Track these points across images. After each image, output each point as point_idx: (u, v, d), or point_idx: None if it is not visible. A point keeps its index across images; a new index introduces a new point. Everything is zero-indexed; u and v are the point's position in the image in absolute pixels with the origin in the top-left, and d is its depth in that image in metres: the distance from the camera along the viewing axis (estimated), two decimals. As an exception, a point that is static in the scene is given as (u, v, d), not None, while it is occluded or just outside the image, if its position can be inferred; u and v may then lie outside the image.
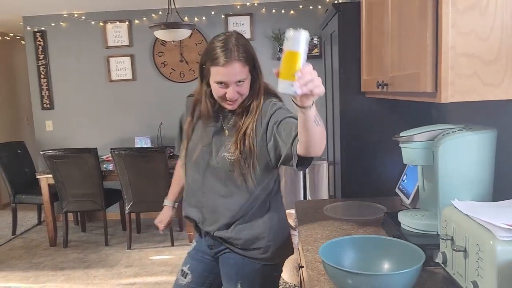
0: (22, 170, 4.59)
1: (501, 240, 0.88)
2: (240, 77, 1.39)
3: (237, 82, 1.40)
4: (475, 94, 1.04)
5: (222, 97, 1.43)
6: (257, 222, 1.52)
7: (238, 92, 1.42)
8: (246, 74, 1.42)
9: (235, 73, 1.38)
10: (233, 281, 1.54)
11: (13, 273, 3.57)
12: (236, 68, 1.38)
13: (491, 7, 1.01)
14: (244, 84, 1.42)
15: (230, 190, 1.49)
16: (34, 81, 4.87)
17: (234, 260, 1.54)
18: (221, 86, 1.40)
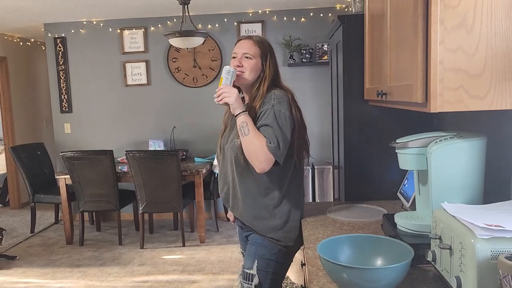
0: (41, 170, 4.77)
1: (480, 238, 0.97)
2: (247, 51, 1.68)
3: (244, 55, 1.67)
4: (462, 105, 1.13)
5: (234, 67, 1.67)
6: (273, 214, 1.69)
7: (243, 64, 1.67)
8: (255, 53, 1.68)
9: (244, 47, 1.69)
10: (251, 258, 1.72)
11: (31, 269, 3.73)
12: (246, 43, 1.70)
13: (476, 26, 1.10)
14: (250, 61, 1.67)
15: (242, 177, 1.69)
16: (54, 86, 5.06)
17: (256, 240, 1.73)
18: (234, 59, 1.70)
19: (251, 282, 1.70)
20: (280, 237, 1.71)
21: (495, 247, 0.95)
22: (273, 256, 1.71)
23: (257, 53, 1.69)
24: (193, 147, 4.96)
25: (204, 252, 3.96)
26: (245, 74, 1.68)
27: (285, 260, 1.76)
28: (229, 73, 1.64)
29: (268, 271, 1.71)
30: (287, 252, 1.74)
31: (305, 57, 4.66)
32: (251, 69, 1.68)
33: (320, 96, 4.77)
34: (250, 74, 1.69)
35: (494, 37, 1.11)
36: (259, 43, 1.71)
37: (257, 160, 1.56)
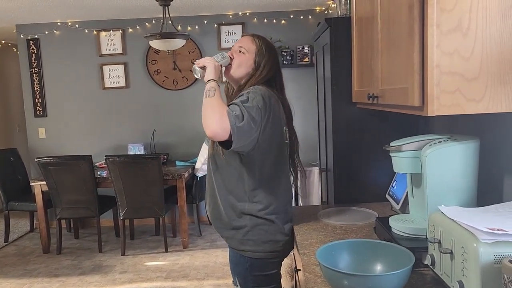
0: (15, 177, 4.59)
1: (483, 242, 0.97)
2: (242, 44, 1.64)
3: (239, 48, 1.64)
4: (459, 108, 1.13)
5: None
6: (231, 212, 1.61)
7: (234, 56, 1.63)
8: (249, 49, 1.63)
9: (242, 41, 1.66)
10: (233, 274, 1.70)
11: (7, 280, 3.58)
12: (245, 38, 1.67)
13: (472, 30, 1.10)
14: (242, 55, 1.62)
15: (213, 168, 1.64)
16: (27, 89, 4.89)
17: (231, 257, 1.68)
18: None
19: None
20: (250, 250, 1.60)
21: (498, 251, 0.95)
22: (247, 272, 1.62)
23: (252, 50, 1.62)
24: (174, 150, 4.88)
25: (187, 257, 3.90)
26: (232, 67, 1.64)
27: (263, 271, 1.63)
28: (222, 56, 1.63)
29: (247, 285, 1.63)
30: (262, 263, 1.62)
31: (286, 59, 4.66)
32: (239, 63, 1.63)
33: (303, 98, 4.78)
34: (237, 69, 1.63)
35: (489, 41, 1.11)
36: (258, 41, 1.65)
37: (211, 118, 1.38)
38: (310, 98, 4.70)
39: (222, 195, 1.62)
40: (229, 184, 1.60)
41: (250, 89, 1.53)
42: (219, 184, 1.61)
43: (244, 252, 1.62)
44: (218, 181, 1.62)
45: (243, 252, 1.62)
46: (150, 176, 3.85)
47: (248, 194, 1.59)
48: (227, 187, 1.60)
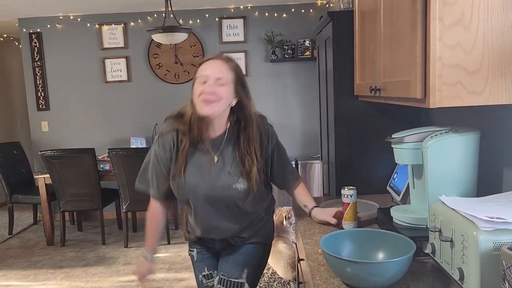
0: (18, 170, 4.62)
1: (483, 230, 1.00)
2: (221, 74, 1.41)
3: (217, 79, 1.40)
4: (460, 100, 1.15)
5: (198, 96, 1.41)
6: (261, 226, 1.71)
7: (217, 92, 1.40)
8: (229, 79, 1.44)
9: (217, 69, 1.42)
10: (239, 267, 1.65)
11: (12, 272, 3.62)
12: (220, 64, 1.43)
13: (474, 23, 1.12)
14: (225, 87, 1.42)
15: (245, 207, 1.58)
16: (30, 82, 4.91)
17: (246, 249, 1.67)
18: (201, 83, 1.41)
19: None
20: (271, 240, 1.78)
21: (497, 239, 0.98)
22: (263, 261, 1.75)
23: (231, 79, 1.46)
24: (176, 144, 4.90)
25: (190, 249, 3.94)
26: (219, 105, 1.43)
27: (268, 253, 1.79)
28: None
29: (257, 275, 1.73)
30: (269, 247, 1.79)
31: (287, 53, 4.67)
32: (226, 96, 1.44)
33: (303, 92, 4.80)
34: (225, 105, 1.46)
35: (490, 34, 1.13)
36: (234, 67, 1.47)
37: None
38: (311, 92, 4.71)
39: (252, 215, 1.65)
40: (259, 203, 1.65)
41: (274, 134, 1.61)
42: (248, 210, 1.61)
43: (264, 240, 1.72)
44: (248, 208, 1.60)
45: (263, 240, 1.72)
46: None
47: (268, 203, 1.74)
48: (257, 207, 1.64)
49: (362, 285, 1.13)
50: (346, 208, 1.58)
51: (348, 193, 1.57)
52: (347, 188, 1.58)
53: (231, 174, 1.50)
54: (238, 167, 1.51)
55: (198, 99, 1.43)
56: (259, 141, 1.54)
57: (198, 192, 1.52)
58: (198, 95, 1.42)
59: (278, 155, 1.62)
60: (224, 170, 1.51)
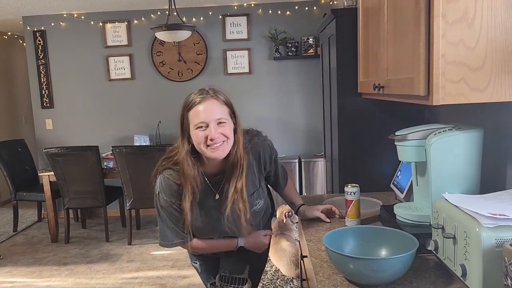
0: (22, 167, 4.65)
1: (485, 227, 1.00)
2: (220, 115, 1.36)
3: (218, 122, 1.36)
4: (463, 98, 1.16)
5: (204, 143, 1.36)
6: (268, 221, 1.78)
7: (222, 134, 1.36)
8: (227, 115, 1.39)
9: (213, 110, 1.36)
10: (241, 263, 1.68)
11: (17, 268, 3.65)
12: (214, 104, 1.36)
13: (477, 20, 1.13)
14: (226, 126, 1.38)
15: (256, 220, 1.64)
16: (34, 80, 4.93)
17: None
18: (202, 129, 1.35)
19: (242, 286, 1.68)
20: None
21: (499, 235, 0.99)
22: (264, 257, 1.77)
23: (227, 113, 1.41)
24: (179, 141, 4.91)
25: (193, 247, 3.95)
26: (229, 143, 1.40)
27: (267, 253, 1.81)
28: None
29: (259, 271, 1.76)
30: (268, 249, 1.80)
31: (291, 50, 4.66)
32: (231, 135, 1.40)
33: (307, 89, 4.80)
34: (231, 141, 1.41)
35: (494, 31, 1.13)
36: (225, 100, 1.41)
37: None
38: (315, 90, 4.72)
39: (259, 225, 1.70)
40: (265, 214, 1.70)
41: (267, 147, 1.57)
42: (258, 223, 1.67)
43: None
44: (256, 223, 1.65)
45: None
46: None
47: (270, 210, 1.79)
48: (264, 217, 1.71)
49: (365, 282, 1.13)
50: (350, 205, 1.58)
51: (351, 191, 1.58)
52: (351, 185, 1.59)
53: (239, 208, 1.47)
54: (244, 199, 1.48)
55: (203, 146, 1.37)
56: (257, 165, 1.53)
57: (204, 232, 1.53)
58: (203, 143, 1.36)
59: (275, 166, 1.67)
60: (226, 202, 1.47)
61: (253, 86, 4.79)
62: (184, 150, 1.40)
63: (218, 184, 1.49)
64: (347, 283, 1.17)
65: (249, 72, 4.81)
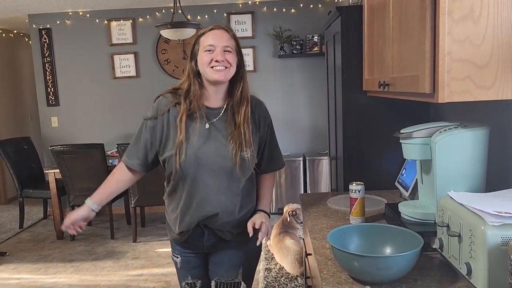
0: (28, 165, 4.68)
1: (491, 225, 0.99)
2: (227, 43, 1.47)
3: (224, 48, 1.46)
4: (469, 95, 1.15)
5: (208, 64, 1.45)
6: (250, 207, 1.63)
7: (226, 60, 1.45)
8: (233, 47, 1.49)
9: (222, 38, 1.47)
10: (235, 268, 1.63)
11: (23, 265, 3.68)
12: (224, 33, 1.48)
13: (483, 17, 1.12)
14: (231, 55, 1.47)
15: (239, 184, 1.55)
16: (40, 78, 4.96)
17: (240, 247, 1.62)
18: (209, 52, 1.45)
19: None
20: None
21: (505, 234, 0.98)
22: (257, 256, 1.72)
23: (234, 46, 1.51)
24: (184, 139, 4.92)
25: (197, 244, 3.96)
26: (231, 71, 1.49)
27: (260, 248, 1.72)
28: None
29: (252, 271, 1.71)
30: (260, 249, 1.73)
31: (296, 48, 4.66)
32: (234, 63, 1.49)
33: (312, 88, 4.79)
34: (234, 71, 1.50)
35: (500, 28, 1.12)
36: (234, 36, 1.52)
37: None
38: (320, 87, 4.71)
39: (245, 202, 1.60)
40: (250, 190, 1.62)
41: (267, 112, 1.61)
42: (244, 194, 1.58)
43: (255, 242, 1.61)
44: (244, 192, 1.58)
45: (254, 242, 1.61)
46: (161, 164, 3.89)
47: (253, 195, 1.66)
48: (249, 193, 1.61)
49: (370, 279, 1.13)
50: (354, 203, 1.58)
51: (356, 189, 1.58)
52: (355, 183, 1.59)
53: (222, 141, 1.50)
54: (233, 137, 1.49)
55: (208, 67, 1.46)
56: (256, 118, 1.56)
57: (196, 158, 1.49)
58: (207, 64, 1.46)
59: (271, 136, 1.63)
60: (217, 136, 1.51)
61: (258, 84, 4.78)
62: (191, 70, 1.51)
63: (211, 117, 1.52)
64: (351, 281, 1.17)
65: (254, 70, 4.80)
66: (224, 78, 1.47)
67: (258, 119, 1.57)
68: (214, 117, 1.52)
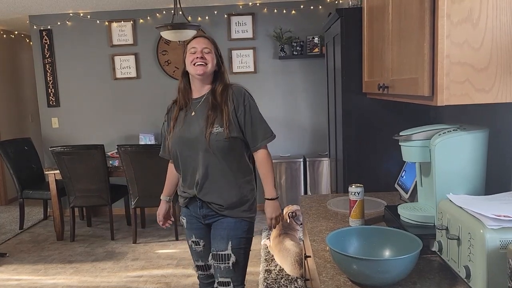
0: (29, 166, 4.68)
1: (489, 228, 0.99)
2: (206, 45, 1.85)
3: (204, 50, 1.84)
4: (468, 98, 1.15)
5: (192, 62, 1.82)
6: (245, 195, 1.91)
7: (205, 57, 1.83)
8: (211, 49, 1.87)
9: (202, 42, 1.86)
10: (224, 240, 1.89)
11: (23, 266, 3.68)
12: (203, 39, 1.89)
13: (482, 20, 1.12)
14: (210, 54, 1.85)
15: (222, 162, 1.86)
16: (40, 79, 4.96)
17: (228, 223, 1.90)
18: (192, 53, 1.83)
19: (228, 261, 1.89)
20: (251, 215, 1.95)
21: (504, 237, 0.98)
22: (244, 234, 1.92)
23: (213, 49, 1.88)
24: (184, 140, 4.93)
25: (197, 245, 3.96)
26: (209, 66, 1.84)
27: (252, 234, 1.98)
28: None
29: (241, 247, 1.92)
30: (253, 226, 1.98)
31: (296, 49, 4.66)
32: (212, 62, 1.86)
33: (312, 89, 4.79)
34: (212, 67, 1.86)
35: (499, 31, 1.13)
36: (212, 41, 1.91)
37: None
38: (320, 89, 4.71)
39: (228, 177, 1.88)
40: (233, 166, 1.89)
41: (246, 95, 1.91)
42: (224, 168, 1.87)
43: (248, 218, 1.93)
44: (223, 165, 1.87)
45: (248, 218, 1.93)
46: (161, 165, 3.86)
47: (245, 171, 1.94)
48: (232, 169, 1.89)
49: (369, 282, 1.13)
50: (353, 205, 1.58)
51: (355, 191, 1.58)
52: (355, 185, 1.59)
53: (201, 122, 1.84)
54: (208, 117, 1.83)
55: (191, 65, 1.83)
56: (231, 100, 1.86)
57: (180, 138, 1.87)
58: (191, 62, 1.83)
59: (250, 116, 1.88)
60: (198, 119, 1.86)
61: (258, 85, 4.78)
62: (182, 72, 1.92)
63: (196, 105, 1.90)
64: (350, 283, 1.17)
65: (254, 71, 4.81)
66: (203, 72, 1.83)
67: (237, 102, 1.87)
68: (197, 105, 1.89)
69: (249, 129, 1.88)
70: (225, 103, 1.84)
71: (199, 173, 1.87)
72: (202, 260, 2.04)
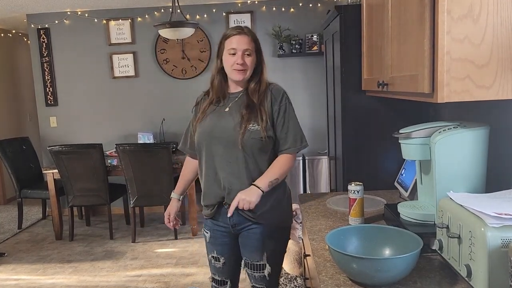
0: (27, 165, 4.66)
1: (491, 227, 0.98)
2: (247, 47, 1.69)
3: (244, 52, 1.69)
4: (469, 95, 1.14)
5: (231, 65, 1.70)
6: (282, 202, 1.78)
7: (245, 62, 1.69)
8: (253, 49, 1.71)
9: (243, 42, 1.69)
10: (259, 252, 1.75)
11: (21, 265, 3.67)
12: (245, 39, 1.70)
13: (483, 16, 1.11)
14: (250, 58, 1.71)
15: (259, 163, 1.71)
16: (38, 78, 4.94)
17: (260, 233, 1.73)
18: (231, 54, 1.69)
19: (263, 271, 1.78)
20: (286, 222, 1.82)
21: (505, 235, 0.97)
22: (279, 243, 1.81)
23: (254, 48, 1.73)
24: (183, 139, 4.92)
25: (197, 244, 3.95)
26: (248, 72, 1.72)
27: (287, 237, 1.85)
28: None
29: (277, 256, 1.82)
30: (288, 232, 1.84)
31: (295, 47, 4.64)
32: (252, 65, 1.73)
33: (311, 87, 4.78)
34: (251, 71, 1.74)
35: (500, 27, 1.11)
36: (254, 39, 1.75)
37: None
38: (319, 87, 4.69)
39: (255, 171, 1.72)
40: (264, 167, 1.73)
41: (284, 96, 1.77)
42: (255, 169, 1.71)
43: (283, 224, 1.81)
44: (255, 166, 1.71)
45: (283, 224, 1.81)
46: (160, 164, 3.89)
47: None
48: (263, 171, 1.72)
49: (368, 281, 1.12)
50: (353, 204, 1.57)
51: (355, 189, 1.56)
52: (354, 183, 1.57)
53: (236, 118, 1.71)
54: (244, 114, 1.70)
55: (231, 68, 1.71)
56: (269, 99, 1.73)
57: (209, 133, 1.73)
58: (230, 66, 1.70)
59: (283, 118, 1.74)
60: (232, 115, 1.73)
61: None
62: (217, 67, 1.78)
63: (232, 100, 1.77)
64: (350, 283, 1.16)
65: (253, 69, 4.78)
66: (242, 78, 1.72)
67: (274, 100, 1.74)
68: (233, 100, 1.76)
69: (280, 131, 1.73)
70: (262, 102, 1.71)
71: (225, 172, 1.70)
72: (219, 276, 1.89)
